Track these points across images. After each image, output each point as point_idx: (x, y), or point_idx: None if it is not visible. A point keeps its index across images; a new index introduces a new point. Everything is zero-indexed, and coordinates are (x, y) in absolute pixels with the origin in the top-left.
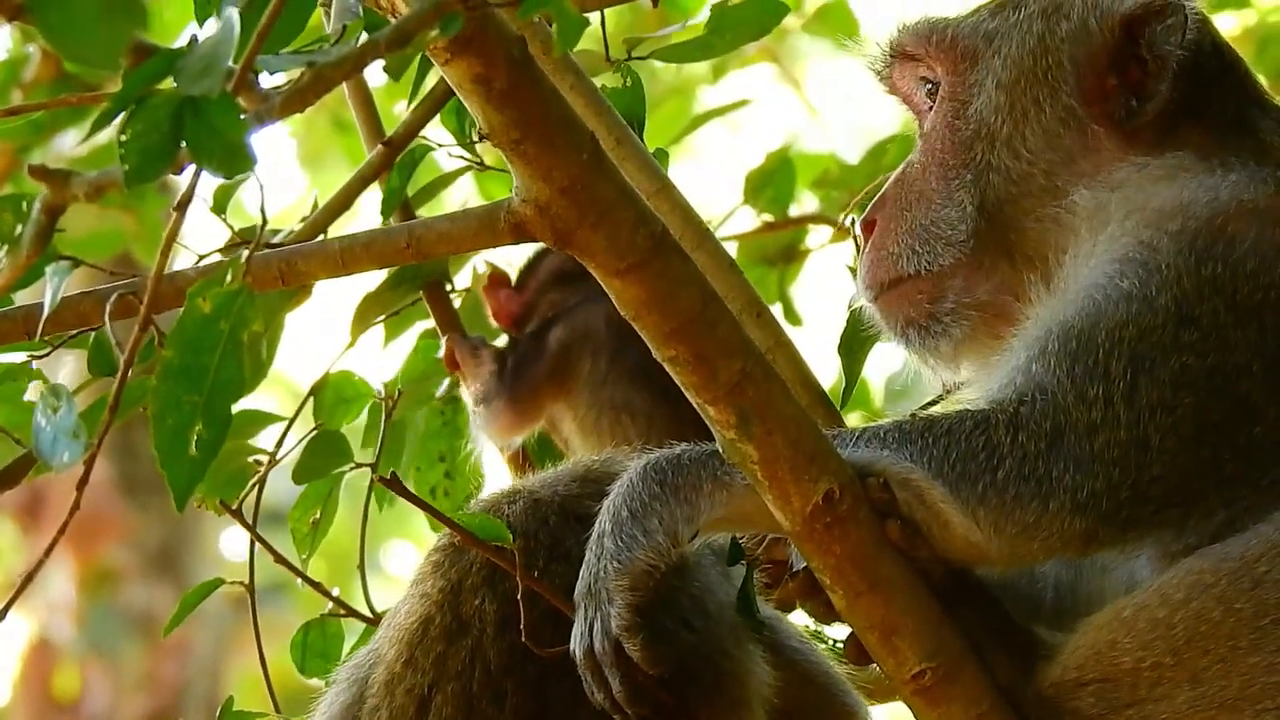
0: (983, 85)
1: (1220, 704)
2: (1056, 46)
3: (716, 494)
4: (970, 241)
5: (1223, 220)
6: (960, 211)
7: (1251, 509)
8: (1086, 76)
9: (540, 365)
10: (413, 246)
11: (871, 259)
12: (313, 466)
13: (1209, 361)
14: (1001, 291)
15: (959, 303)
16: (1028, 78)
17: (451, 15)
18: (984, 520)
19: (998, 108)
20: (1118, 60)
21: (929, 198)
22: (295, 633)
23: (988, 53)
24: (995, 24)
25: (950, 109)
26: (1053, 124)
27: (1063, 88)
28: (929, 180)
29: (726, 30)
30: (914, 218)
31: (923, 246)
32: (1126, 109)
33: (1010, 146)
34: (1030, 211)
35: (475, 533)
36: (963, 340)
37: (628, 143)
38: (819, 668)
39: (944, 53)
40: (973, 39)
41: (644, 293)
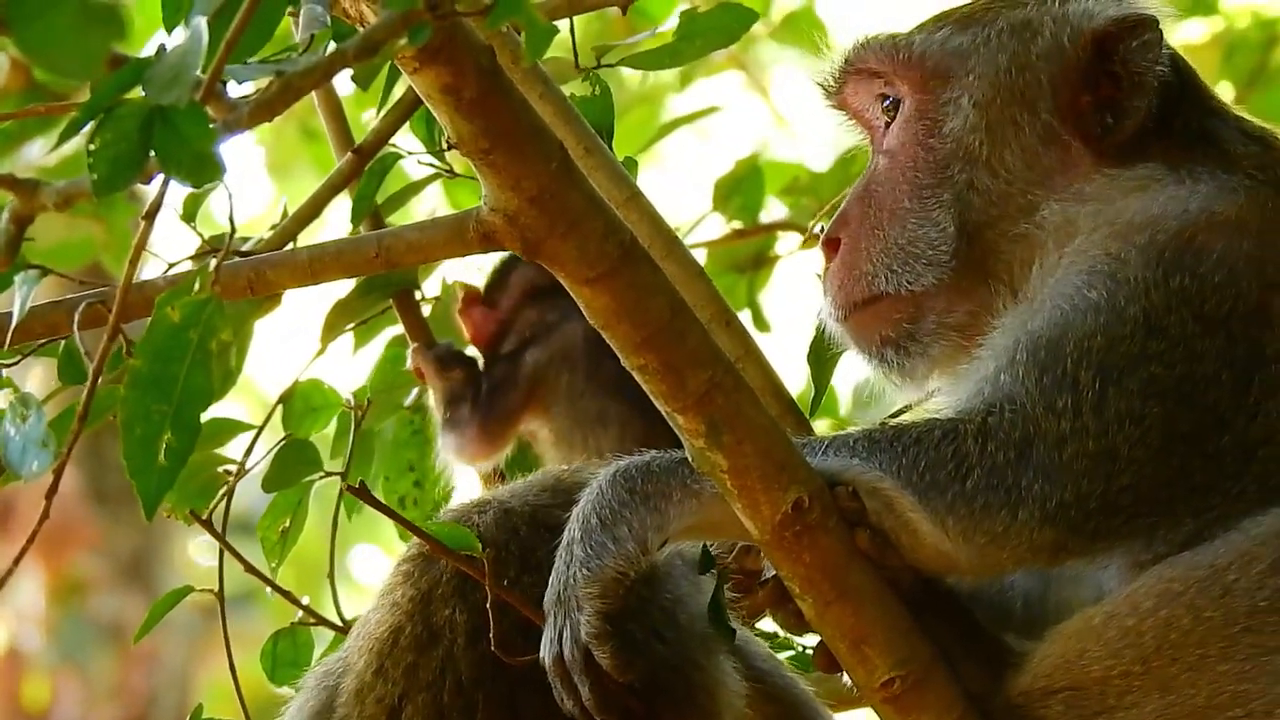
0: (958, 104)
1: (1189, 712)
2: (1032, 64)
3: (686, 502)
4: (952, 262)
5: (1191, 232)
6: (941, 232)
7: (1221, 518)
8: (1062, 94)
9: (516, 391)
10: (382, 255)
11: (841, 278)
12: (282, 476)
13: (1177, 372)
14: (980, 312)
15: (939, 323)
16: (1005, 96)
17: (420, 25)
18: (953, 529)
19: (974, 127)
20: (1089, 77)
21: (902, 217)
22: (265, 642)
23: (961, 70)
24: (965, 41)
25: (922, 128)
26: (1032, 142)
27: (1041, 106)
28: (901, 199)
29: (695, 37)
30: (889, 236)
31: (901, 266)
32: (1102, 125)
33: (989, 166)
34: (1007, 231)
35: (444, 542)
36: (939, 359)
37: (597, 152)
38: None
39: (911, 69)
40: (943, 56)
41: (613, 302)
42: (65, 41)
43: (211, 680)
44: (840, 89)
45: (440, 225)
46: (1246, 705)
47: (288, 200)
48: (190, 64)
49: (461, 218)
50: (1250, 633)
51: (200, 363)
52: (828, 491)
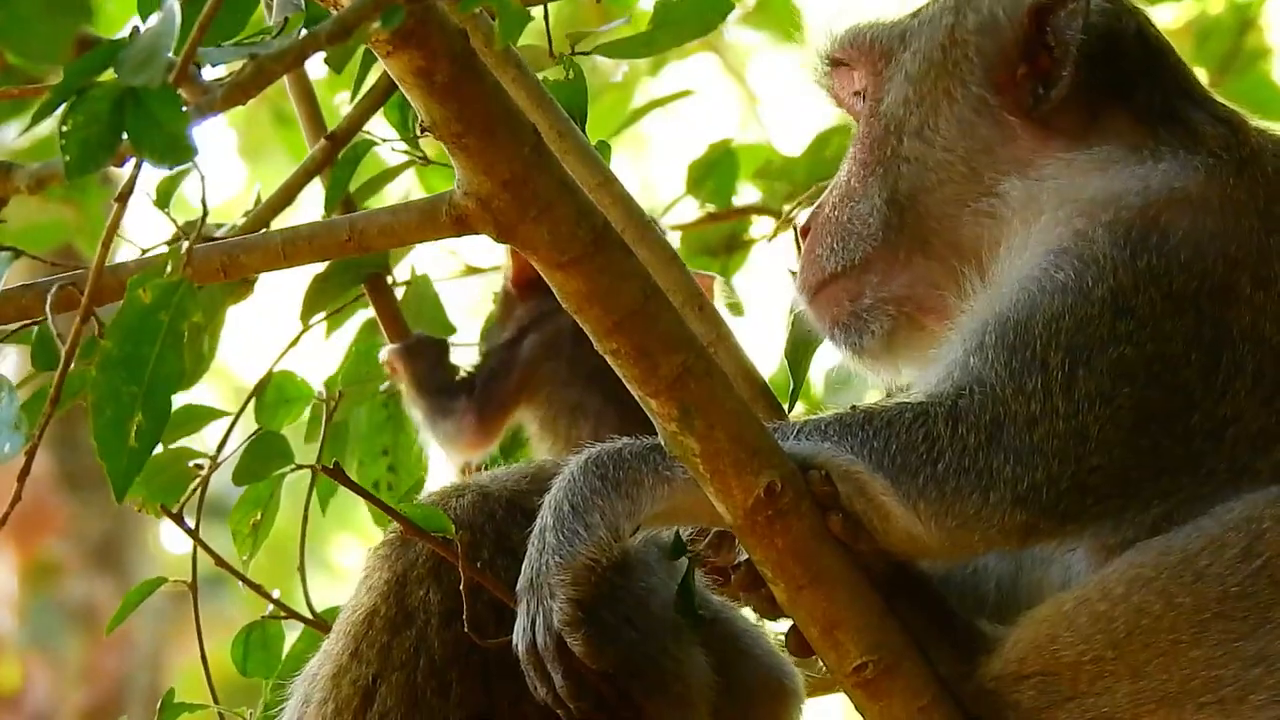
0: (894, 80)
1: (1161, 697)
2: (964, 39)
3: (658, 488)
4: (880, 234)
5: (1156, 210)
6: (870, 205)
7: (1189, 500)
8: (997, 67)
9: (510, 379)
10: (355, 239)
11: (804, 262)
12: (253, 469)
13: (1146, 351)
14: (920, 284)
15: (876, 297)
16: (936, 70)
17: (393, 8)
18: (925, 512)
19: (906, 100)
20: (1028, 50)
21: (850, 196)
22: (237, 633)
23: (900, 49)
24: (911, 23)
25: (869, 108)
26: (965, 113)
27: (971, 78)
28: (851, 181)
29: (671, 25)
30: (836, 217)
31: (840, 243)
32: (1034, 96)
33: (921, 136)
34: (954, 199)
35: (419, 524)
36: (888, 335)
37: (570, 136)
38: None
39: (864, 54)
40: (890, 38)
41: (586, 286)
42: (31, 25)
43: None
44: (830, 84)
45: (413, 209)
46: (1218, 691)
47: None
48: (163, 46)
49: (434, 201)
50: (1222, 619)
51: (171, 345)
52: (800, 476)
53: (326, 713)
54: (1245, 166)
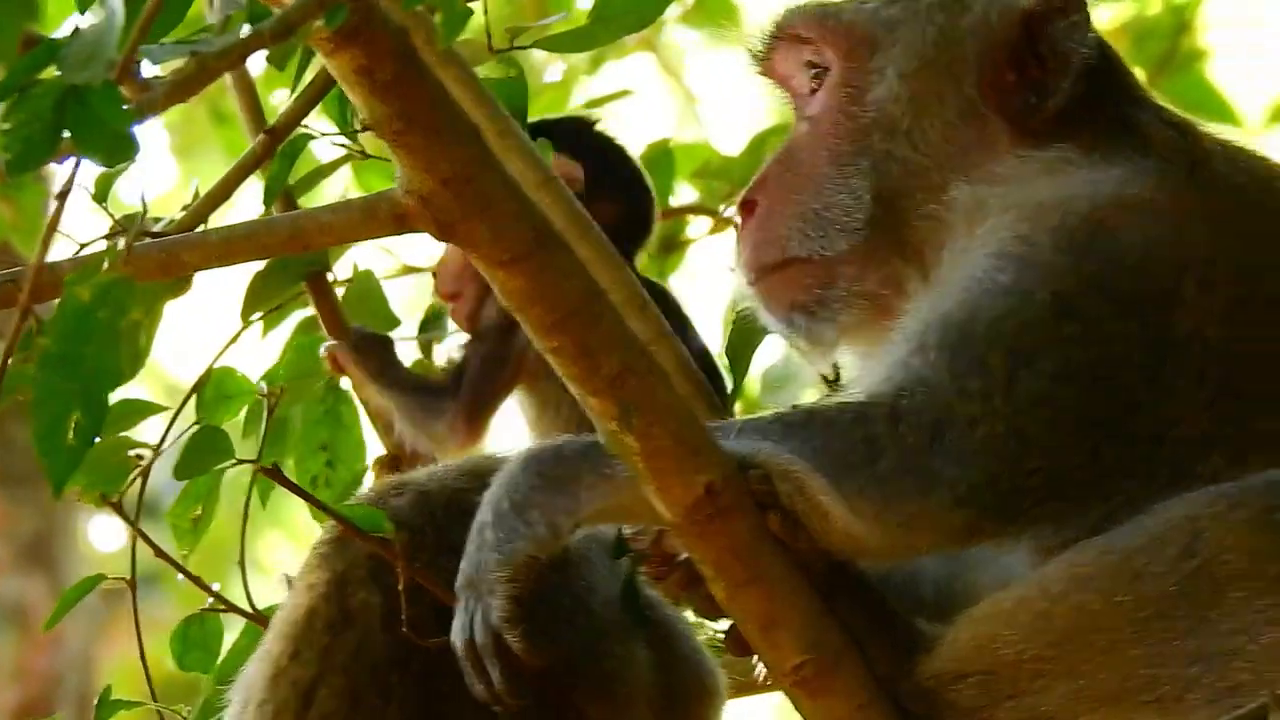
0: (883, 73)
1: (1100, 696)
2: (959, 39)
3: (598, 486)
4: (865, 230)
5: (1102, 214)
6: (856, 199)
7: (1130, 503)
8: (986, 71)
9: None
10: (295, 237)
11: (755, 239)
12: (194, 463)
13: (1089, 354)
14: (888, 283)
15: (850, 290)
16: (930, 69)
17: (337, 7)
18: (864, 512)
19: (898, 97)
20: (1016, 56)
21: (820, 182)
22: (176, 626)
23: (888, 40)
24: (895, 12)
25: (845, 95)
26: (952, 117)
27: (965, 81)
28: (819, 165)
29: (610, 20)
30: (804, 201)
31: (815, 231)
32: (1025, 105)
33: (909, 137)
34: (920, 205)
35: (358, 524)
36: (848, 327)
37: (511, 135)
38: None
39: (839, 36)
40: (872, 25)
41: (527, 285)
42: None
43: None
44: (769, 55)
45: (354, 207)
46: (1157, 689)
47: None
48: (105, 44)
49: (375, 200)
50: (1161, 617)
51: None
52: (740, 475)
53: (266, 713)
54: (1195, 171)
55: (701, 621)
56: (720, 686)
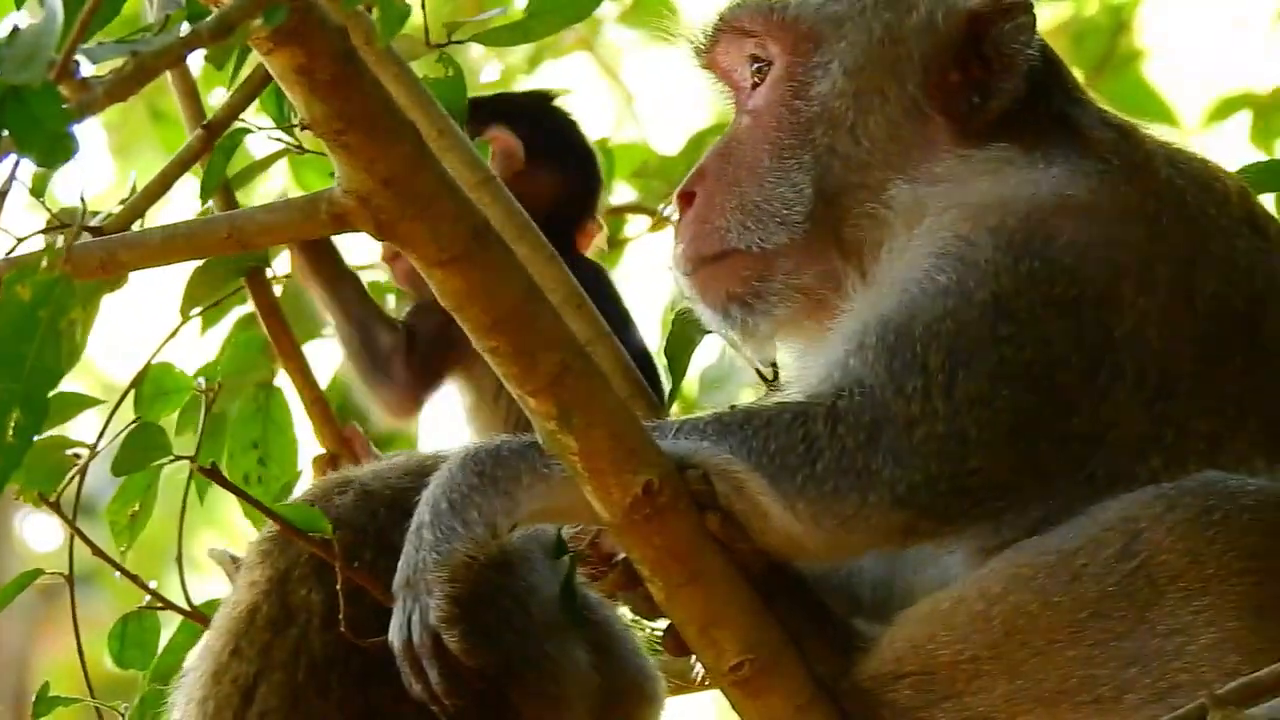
0: (827, 68)
1: (1038, 697)
2: (905, 37)
3: (536, 486)
4: (805, 224)
5: (1041, 215)
6: (797, 193)
7: (1068, 504)
8: (931, 70)
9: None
10: (234, 236)
11: (693, 231)
12: (131, 459)
13: (1027, 355)
14: (826, 279)
15: (786, 284)
16: (875, 66)
17: (275, 6)
18: (803, 512)
19: (842, 92)
20: (960, 56)
21: (760, 175)
22: (114, 624)
23: (834, 36)
24: (841, 8)
25: (789, 89)
26: (896, 114)
27: (909, 79)
28: (760, 158)
29: (546, 14)
30: (744, 194)
31: (755, 223)
32: (968, 105)
33: (852, 133)
34: (860, 202)
35: (296, 524)
36: (783, 321)
37: (449, 134)
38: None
39: (784, 30)
40: (817, 20)
41: (465, 285)
42: None
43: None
44: (711, 48)
45: (293, 206)
46: (1095, 690)
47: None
48: (44, 44)
49: (314, 199)
50: (1099, 618)
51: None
52: (678, 475)
53: (207, 710)
54: (1136, 173)
55: (639, 621)
56: (660, 689)
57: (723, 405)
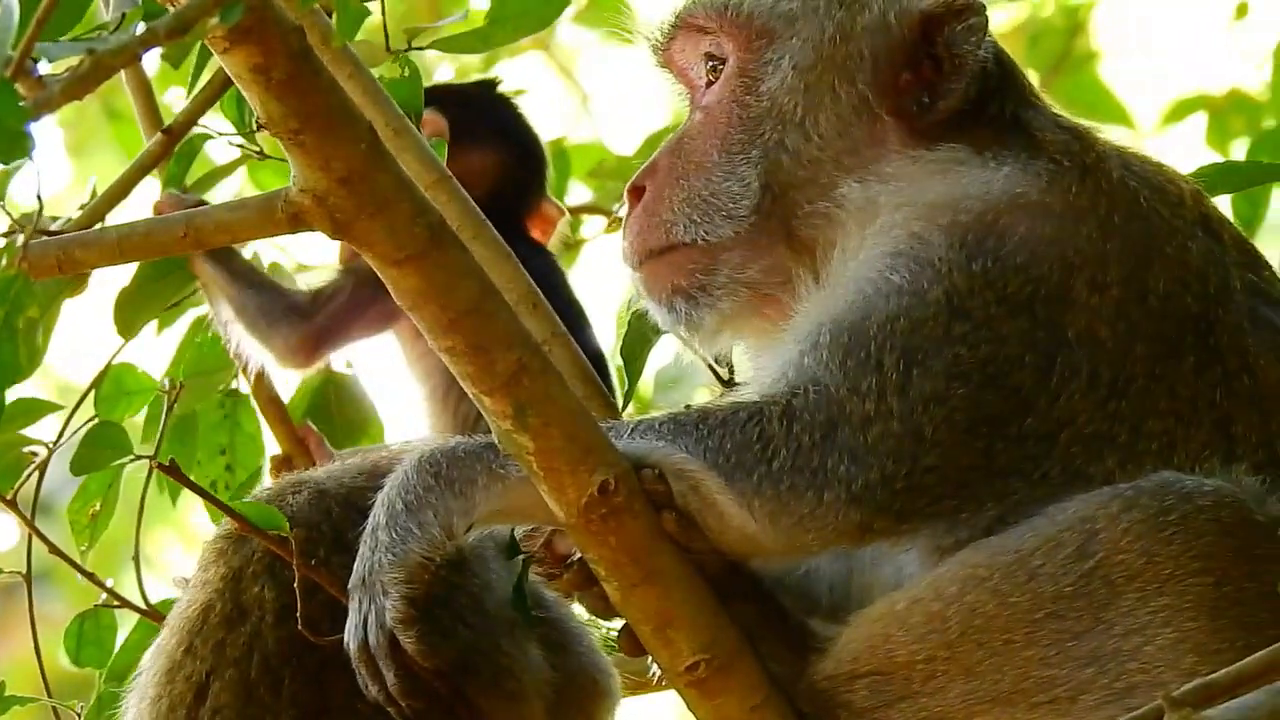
0: (778, 65)
1: (994, 698)
2: (856, 36)
3: (492, 486)
4: (751, 218)
5: (994, 214)
6: (744, 186)
7: (1023, 503)
8: (882, 69)
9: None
10: (190, 235)
11: (641, 224)
12: (91, 458)
13: (981, 353)
14: (773, 273)
15: (732, 278)
16: (826, 63)
17: (231, 5)
18: (759, 511)
19: (792, 89)
20: (912, 56)
21: (709, 170)
22: (70, 623)
23: (786, 33)
24: (794, 6)
25: (741, 84)
26: (846, 112)
27: (859, 77)
28: (710, 152)
29: (506, 21)
30: (692, 187)
31: (701, 217)
32: (919, 105)
33: (802, 129)
34: (809, 200)
35: (254, 521)
36: (729, 316)
37: (406, 133)
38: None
39: (739, 28)
40: (770, 18)
41: (421, 283)
42: None
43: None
44: (668, 45)
45: (249, 205)
46: (1051, 690)
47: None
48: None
49: (270, 198)
50: (1055, 618)
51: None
52: (634, 474)
53: (161, 708)
54: (1089, 174)
55: (595, 621)
56: (614, 686)
57: (678, 405)
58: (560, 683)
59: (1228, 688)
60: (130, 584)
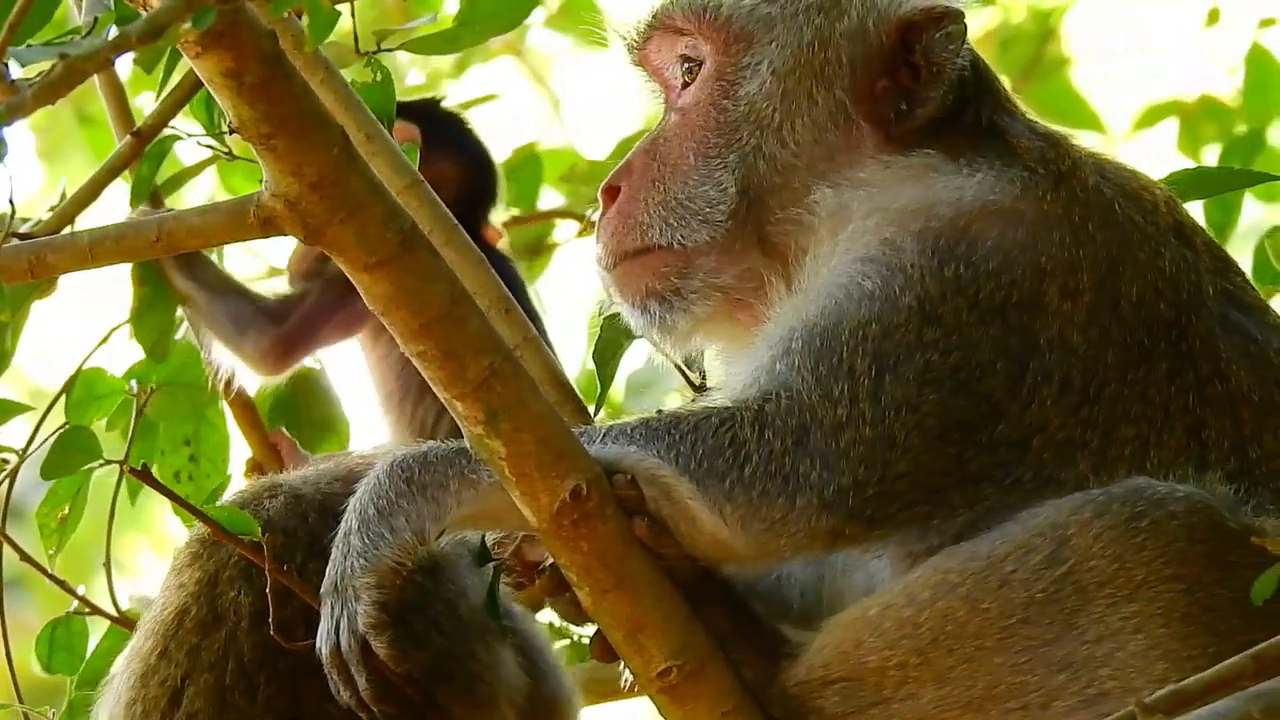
0: (756, 69)
1: (966, 704)
2: (835, 42)
3: (463, 492)
4: (728, 223)
5: (966, 220)
6: (720, 191)
7: (995, 509)
8: (860, 76)
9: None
10: (163, 240)
11: (615, 226)
12: (60, 463)
13: (953, 359)
14: (747, 278)
15: (706, 282)
16: (804, 69)
17: (204, 9)
18: (731, 516)
19: (770, 94)
20: (890, 63)
21: (685, 173)
22: (41, 629)
23: (765, 38)
24: (773, 10)
25: (718, 88)
26: (823, 118)
27: (837, 84)
28: (686, 155)
29: (475, 23)
30: (668, 190)
31: (677, 221)
32: (896, 112)
33: (779, 134)
34: (784, 205)
35: (226, 526)
36: (702, 320)
37: (378, 138)
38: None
39: (716, 30)
40: (749, 21)
41: (393, 288)
42: None
43: None
44: (644, 45)
45: (221, 210)
46: (1023, 697)
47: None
48: None
49: (242, 202)
50: (1027, 624)
51: None
52: (606, 479)
53: (135, 713)
54: (1062, 180)
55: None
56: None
57: (650, 410)
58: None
59: (1199, 694)
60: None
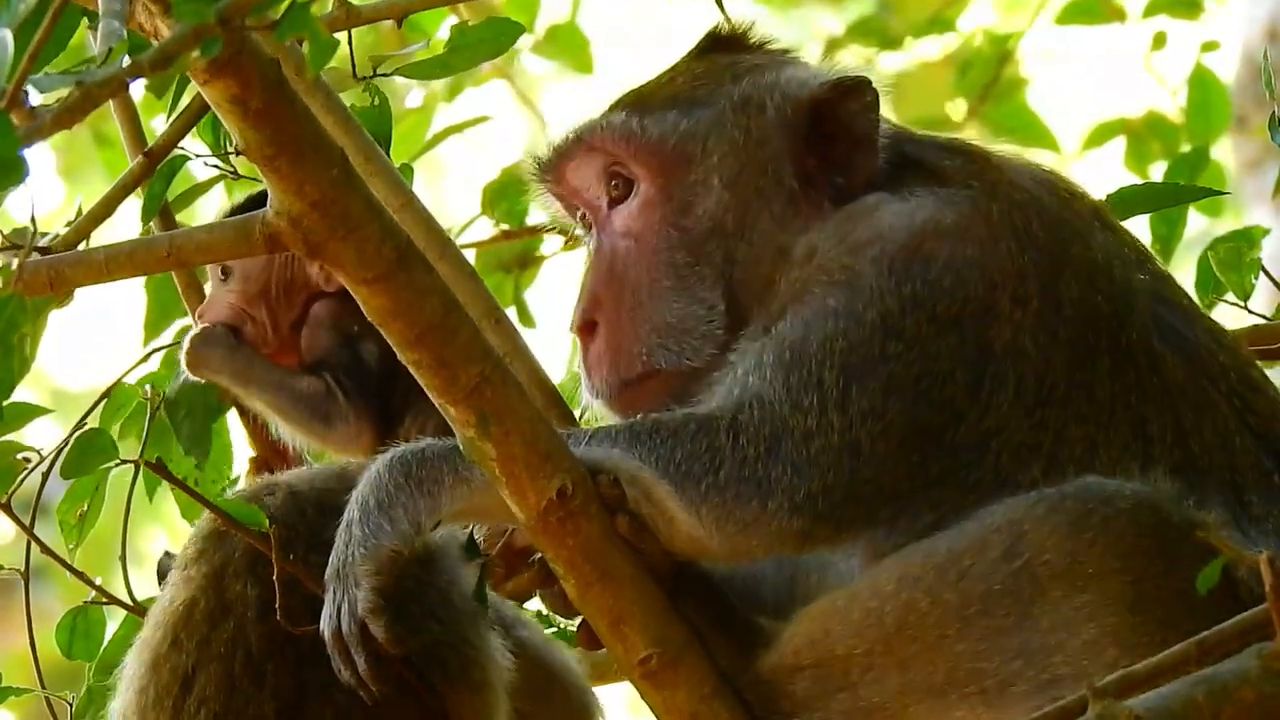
0: (707, 185)
1: (928, 688)
2: (766, 138)
3: (457, 488)
4: (725, 333)
5: (917, 241)
6: (709, 309)
7: (956, 509)
8: (798, 159)
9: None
10: (173, 255)
11: (608, 359)
12: (79, 463)
13: (914, 370)
14: None
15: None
16: (747, 171)
17: (212, 39)
18: (706, 517)
19: (727, 205)
20: (811, 140)
21: (664, 297)
22: (63, 617)
23: (700, 153)
24: (697, 124)
25: (670, 210)
26: (778, 208)
27: (783, 172)
28: (658, 280)
29: (465, 49)
30: (655, 316)
31: (677, 345)
32: (835, 187)
33: (745, 238)
34: (763, 275)
35: (235, 518)
36: None
37: (375, 159)
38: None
39: (650, 154)
40: (680, 140)
41: (389, 302)
42: None
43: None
44: (562, 165)
45: (228, 226)
46: (981, 682)
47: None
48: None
49: (249, 220)
50: (985, 615)
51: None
52: (590, 480)
53: (148, 698)
54: (995, 191)
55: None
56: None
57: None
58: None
59: (1147, 678)
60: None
